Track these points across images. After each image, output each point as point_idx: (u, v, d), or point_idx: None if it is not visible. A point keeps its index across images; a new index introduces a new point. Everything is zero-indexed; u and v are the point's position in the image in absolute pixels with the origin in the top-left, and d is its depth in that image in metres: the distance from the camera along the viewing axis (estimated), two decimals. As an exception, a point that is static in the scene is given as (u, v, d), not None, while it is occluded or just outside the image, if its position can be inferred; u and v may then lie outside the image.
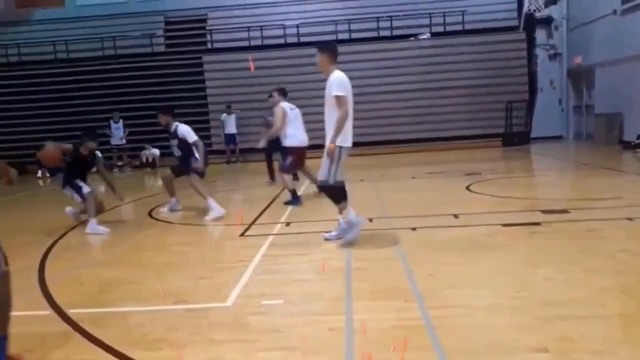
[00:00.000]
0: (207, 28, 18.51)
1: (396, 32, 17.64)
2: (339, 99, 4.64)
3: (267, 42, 17.84)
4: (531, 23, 17.10)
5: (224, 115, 16.36)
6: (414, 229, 5.52)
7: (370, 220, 6.07)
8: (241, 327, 3.18)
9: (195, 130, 7.34)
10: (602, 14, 15.32)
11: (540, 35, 17.93)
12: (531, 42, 17.19)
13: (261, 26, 17.90)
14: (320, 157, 4.89)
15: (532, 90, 17.10)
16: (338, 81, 4.68)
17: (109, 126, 15.83)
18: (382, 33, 17.75)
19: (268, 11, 18.66)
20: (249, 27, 17.88)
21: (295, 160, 7.82)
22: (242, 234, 5.78)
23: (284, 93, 8.19)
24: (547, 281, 3.70)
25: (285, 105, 7.89)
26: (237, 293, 3.78)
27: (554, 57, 18.42)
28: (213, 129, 17.16)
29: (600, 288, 3.49)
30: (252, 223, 6.36)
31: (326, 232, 5.22)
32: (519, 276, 3.90)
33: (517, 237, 5.06)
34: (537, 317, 3.05)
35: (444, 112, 16.50)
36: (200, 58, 17.67)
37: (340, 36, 17.68)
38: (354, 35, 17.66)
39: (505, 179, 8.21)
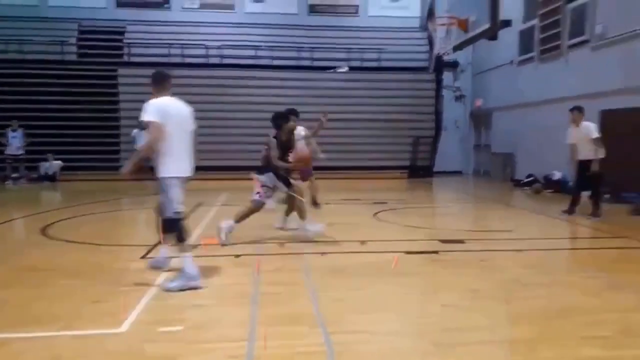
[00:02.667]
0: (125, 41, 17.78)
1: (316, 63, 18.05)
2: (149, 125, 4.34)
3: (187, 60, 17.47)
4: (440, 66, 18.25)
5: (135, 130, 15.61)
6: (323, 254, 5.52)
7: (282, 244, 6.01)
8: (135, 356, 2.95)
9: (105, 144, 6.90)
10: (501, 63, 16.73)
11: (447, 77, 19.16)
12: (439, 84, 18.34)
13: (182, 44, 17.52)
14: (230, 179, 4.77)
15: (438, 127, 18.14)
16: (151, 106, 4.38)
17: (5, 134, 14.50)
18: (303, 63, 18.08)
19: (190, 30, 18.33)
20: (170, 44, 17.43)
21: None
22: (144, 256, 5.44)
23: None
24: (446, 308, 3.83)
25: None
26: (133, 319, 3.51)
27: (459, 98, 19.73)
28: (123, 144, 16.33)
29: (493, 315, 3.67)
30: (156, 244, 6.01)
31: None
32: (420, 302, 4.01)
33: (419, 264, 5.22)
34: (436, 344, 3.12)
35: (357, 142, 16.98)
36: (115, 70, 16.87)
37: (263, 62, 17.76)
38: (276, 62, 17.83)
39: (410, 208, 8.55)
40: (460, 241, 6.32)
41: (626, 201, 9.65)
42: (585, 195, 8.65)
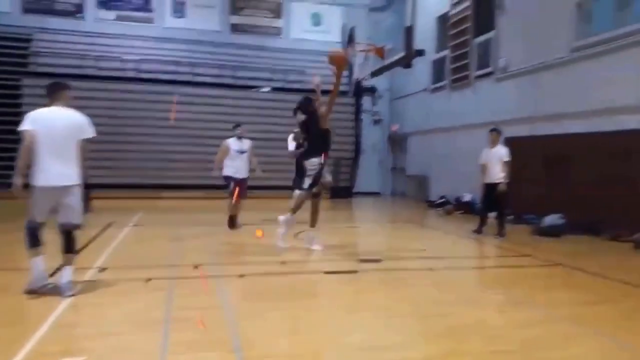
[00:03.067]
0: (32, 49, 16.62)
1: (239, 82, 17.96)
2: (21, 133, 4.42)
3: (102, 73, 16.65)
4: (359, 91, 18.86)
5: None
6: (241, 276, 5.39)
7: (196, 267, 5.81)
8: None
9: (5, 158, 6.36)
10: (416, 90, 17.63)
11: (366, 102, 19.84)
12: (358, 108, 18.92)
13: (97, 56, 16.70)
14: (147, 198, 4.57)
15: (357, 150, 18.67)
16: (26, 116, 4.47)
17: None
18: (225, 81, 17.90)
19: (105, 42, 17.54)
20: (82, 55, 16.54)
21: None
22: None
23: None
24: (363, 327, 3.88)
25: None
26: (29, 349, 3.21)
27: (377, 122, 20.46)
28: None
29: (407, 333, 3.77)
30: (59, 268, 5.57)
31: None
32: (338, 322, 4.01)
33: (338, 284, 5.26)
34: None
35: (281, 162, 17.00)
36: (19, 80, 15.68)
37: (183, 77, 17.37)
38: (196, 79, 17.51)
39: (331, 228, 8.64)
40: (378, 260, 6.47)
41: (528, 222, 10.45)
42: (492, 216, 9.22)
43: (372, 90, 19.98)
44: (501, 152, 8.85)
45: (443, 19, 15.76)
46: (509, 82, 12.52)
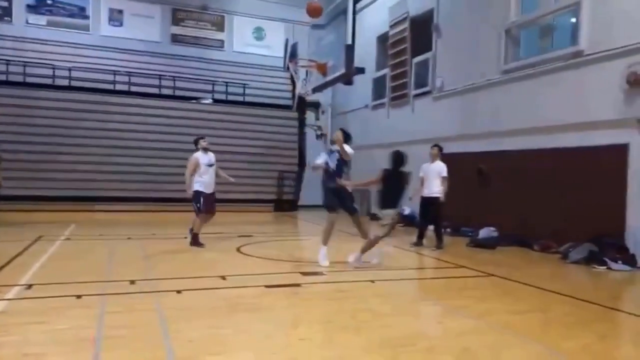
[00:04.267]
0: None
1: (179, 93, 17.58)
2: None
3: (30, 80, 15.77)
4: (302, 105, 18.99)
5: None
6: (179, 291, 5.21)
7: (132, 282, 5.56)
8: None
9: None
10: (357, 106, 17.96)
11: (310, 116, 19.99)
12: (302, 122, 19.04)
13: (25, 62, 15.82)
14: (79, 211, 4.32)
15: (301, 163, 18.72)
16: None
17: None
18: (164, 91, 17.47)
19: (34, 48, 16.68)
20: (8, 61, 15.60)
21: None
22: (-37, 299, 4.62)
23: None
24: (302, 341, 3.83)
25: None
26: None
27: (319, 137, 20.64)
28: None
29: (346, 346, 3.75)
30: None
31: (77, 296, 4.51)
32: (278, 337, 3.95)
33: (279, 298, 5.20)
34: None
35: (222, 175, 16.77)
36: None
37: (119, 87, 16.79)
38: (134, 89, 16.97)
39: (274, 241, 8.58)
40: (320, 273, 6.49)
41: (464, 235, 10.88)
42: (430, 228, 9.51)
43: (315, 105, 20.18)
44: (439, 167, 9.15)
45: (383, 39, 16.23)
46: (445, 101, 13.04)
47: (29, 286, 5.27)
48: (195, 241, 8.46)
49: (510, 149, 10.56)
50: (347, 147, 7.35)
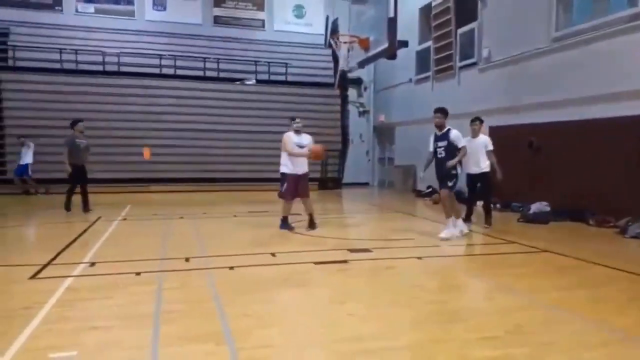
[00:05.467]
0: (10, 43, 16.29)
1: (223, 75, 17.82)
2: None
3: (82, 67, 16.39)
4: (345, 82, 18.85)
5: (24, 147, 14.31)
6: (231, 268, 5.40)
7: (187, 259, 5.80)
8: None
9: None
10: (401, 81, 17.69)
11: (352, 93, 19.86)
12: (344, 99, 18.94)
13: (76, 50, 16.43)
14: (131, 192, 4.52)
15: (345, 141, 18.70)
16: None
17: None
18: (208, 74, 17.76)
19: (84, 36, 17.26)
20: (61, 49, 16.25)
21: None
22: (33, 277, 4.97)
23: None
24: (351, 317, 3.90)
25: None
26: (19, 346, 3.19)
27: (363, 114, 20.51)
28: (10, 155, 14.92)
29: (396, 322, 3.80)
30: (48, 264, 5.53)
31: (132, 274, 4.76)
32: (326, 313, 4.04)
33: (327, 274, 5.29)
34: (341, 354, 3.16)
35: (266, 154, 16.99)
36: (-5, 75, 15.38)
37: (165, 71, 17.19)
38: (179, 72, 17.34)
39: (320, 219, 8.65)
40: (368, 250, 6.52)
41: (514, 210, 10.63)
42: (479, 204, 9.30)
43: (357, 82, 19.99)
44: (484, 140, 8.80)
45: (426, 10, 15.80)
46: (491, 72, 12.61)
47: (92, 264, 5.60)
48: (284, 223, 8.25)
49: (562, 120, 10.14)
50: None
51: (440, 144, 7.77)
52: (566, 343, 3.38)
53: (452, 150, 7.61)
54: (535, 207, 9.84)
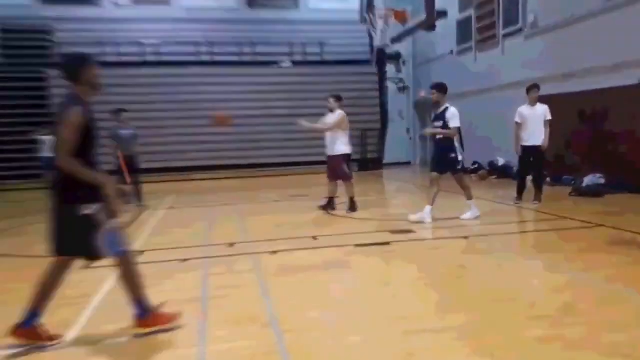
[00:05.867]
0: (55, 40, 16.94)
1: (259, 58, 17.93)
2: None
3: (123, 59, 16.87)
4: (382, 58, 18.58)
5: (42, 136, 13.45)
6: (274, 252, 5.50)
7: (231, 245, 5.95)
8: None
9: (36, 150, 6.58)
10: (441, 53, 17.24)
11: (390, 69, 19.53)
12: (382, 76, 18.67)
13: (117, 42, 16.90)
14: (173, 181, 4.64)
15: (384, 120, 18.48)
16: None
17: None
18: (244, 58, 17.90)
19: (123, 27, 17.72)
20: (102, 43, 16.76)
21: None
22: (86, 267, 5.21)
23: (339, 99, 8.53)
24: (394, 298, 3.91)
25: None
26: (80, 330, 3.40)
27: (402, 90, 20.17)
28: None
29: (440, 302, 3.78)
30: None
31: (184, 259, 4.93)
32: (370, 295, 4.06)
33: (369, 256, 5.30)
34: (388, 336, 3.17)
35: (306, 137, 17.04)
36: (42, 72, 16.04)
37: (203, 58, 17.46)
38: (217, 59, 17.57)
39: (361, 201, 8.65)
40: (411, 231, 6.49)
41: (566, 184, 10.24)
42: (528, 179, 8.82)
43: (395, 57, 19.64)
44: (543, 110, 8.18)
45: (466, -23, 15.26)
46: (538, 39, 12.10)
47: (141, 252, 5.84)
48: (352, 206, 8.27)
49: (616, 85, 9.63)
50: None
51: (436, 124, 7.16)
52: (623, 321, 3.26)
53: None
54: (588, 180, 9.47)
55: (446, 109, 7.10)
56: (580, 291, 3.91)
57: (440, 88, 7.14)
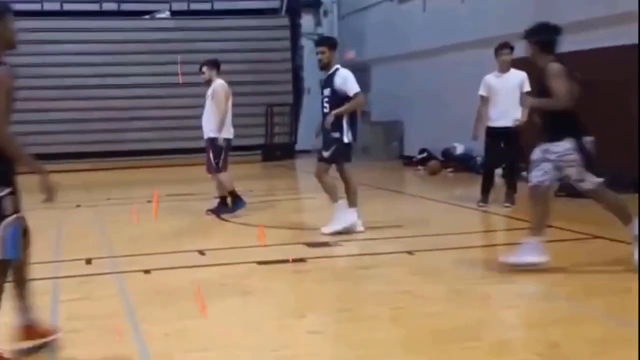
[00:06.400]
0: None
1: (124, 7, 17.59)
2: None
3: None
4: (296, 6, 18.73)
5: None
6: (147, 271, 5.57)
7: (89, 262, 5.97)
8: None
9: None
10: (377, 0, 17.68)
11: (306, 22, 19.77)
12: (296, 30, 18.76)
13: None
14: None
15: (298, 90, 18.60)
16: None
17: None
18: (107, 7, 17.50)
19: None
20: None
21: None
22: None
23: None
24: (313, 335, 4.04)
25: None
26: None
27: (322, 50, 20.44)
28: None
29: (376, 342, 3.82)
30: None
31: None
32: (279, 329, 4.18)
33: (277, 277, 5.48)
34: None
35: (188, 115, 16.93)
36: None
37: (48, 6, 16.87)
38: (67, 7, 17.05)
39: (265, 202, 8.85)
40: (335, 243, 6.71)
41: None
42: (497, 173, 9.08)
43: (314, 5, 19.88)
44: (518, 78, 8.30)
45: None
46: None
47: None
48: (220, 207, 8.75)
49: (620, 44, 9.72)
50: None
51: (325, 92, 7.25)
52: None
53: (340, 102, 7.08)
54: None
55: (336, 70, 7.18)
56: (569, 327, 3.97)
57: (327, 43, 7.29)
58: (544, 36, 5.72)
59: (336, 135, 7.08)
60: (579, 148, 5.34)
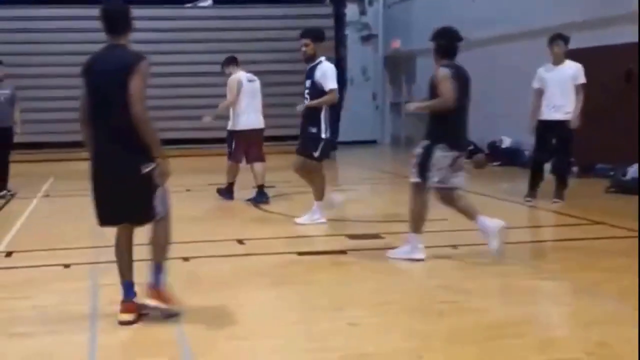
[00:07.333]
0: None
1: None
2: None
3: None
4: (341, -6, 18.73)
5: None
6: (186, 259, 5.70)
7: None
8: None
9: None
10: (424, -11, 17.48)
11: (351, 11, 19.59)
12: (340, 19, 18.71)
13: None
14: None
15: (340, 81, 18.62)
16: None
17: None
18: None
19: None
20: None
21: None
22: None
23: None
24: (353, 327, 4.06)
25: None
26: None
27: (367, 39, 20.38)
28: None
29: (418, 334, 3.92)
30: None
31: None
32: (318, 321, 4.23)
33: (316, 269, 5.57)
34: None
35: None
36: None
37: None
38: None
39: (305, 193, 8.89)
40: (376, 236, 6.80)
41: (601, 175, 10.45)
42: (547, 168, 8.98)
43: (359, -7, 19.83)
44: (572, 70, 8.30)
45: None
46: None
47: (8, 254, 5.98)
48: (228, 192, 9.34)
49: None
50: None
51: (306, 83, 7.45)
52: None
53: (318, 95, 7.27)
54: (634, 171, 9.47)
55: (318, 63, 7.30)
56: (618, 327, 3.96)
57: (315, 36, 7.40)
58: (444, 40, 6.29)
59: (313, 130, 7.27)
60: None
